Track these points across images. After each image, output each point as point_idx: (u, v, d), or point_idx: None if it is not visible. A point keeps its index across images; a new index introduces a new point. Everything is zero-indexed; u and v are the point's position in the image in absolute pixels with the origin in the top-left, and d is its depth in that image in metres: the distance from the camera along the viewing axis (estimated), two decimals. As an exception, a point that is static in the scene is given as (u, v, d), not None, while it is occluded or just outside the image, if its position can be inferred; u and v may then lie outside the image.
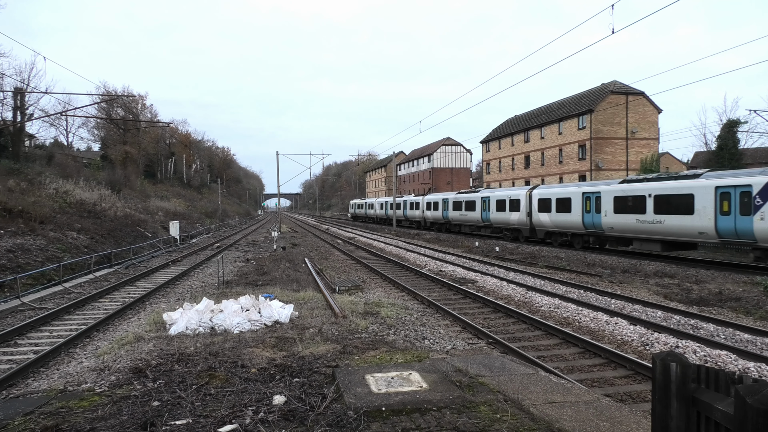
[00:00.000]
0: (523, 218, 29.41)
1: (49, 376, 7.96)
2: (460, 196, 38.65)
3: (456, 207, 38.67)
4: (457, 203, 38.63)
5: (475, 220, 35.77)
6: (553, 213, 26.68)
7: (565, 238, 26.45)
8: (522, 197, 29.56)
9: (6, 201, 22.01)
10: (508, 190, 32.77)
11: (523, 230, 29.94)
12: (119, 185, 41.11)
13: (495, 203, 32.58)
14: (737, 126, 42.58)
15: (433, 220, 44.15)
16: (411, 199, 51.93)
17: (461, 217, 37.96)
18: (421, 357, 6.67)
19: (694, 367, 2.79)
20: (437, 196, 43.86)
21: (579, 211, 24.64)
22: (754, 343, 9.23)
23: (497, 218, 32.60)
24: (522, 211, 29.47)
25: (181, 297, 14.59)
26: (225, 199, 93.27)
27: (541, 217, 27.81)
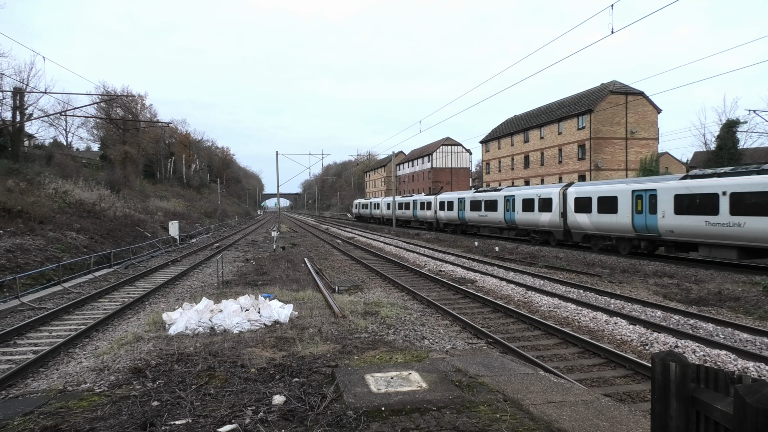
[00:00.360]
0: (556, 219, 26.36)
1: (49, 376, 7.96)
2: (479, 195, 35.65)
3: (474, 207, 35.53)
4: (475, 203, 35.46)
5: (497, 221, 32.68)
6: (593, 214, 23.68)
7: (609, 242, 23.38)
8: (555, 196, 26.57)
9: (5, 201, 21.99)
10: (538, 188, 29.66)
11: (554, 233, 26.94)
12: (118, 185, 41.10)
13: (521, 203, 29.40)
14: (737, 126, 42.67)
15: (447, 221, 41.13)
16: (421, 198, 48.10)
17: (480, 218, 34.97)
18: (420, 357, 6.67)
19: (694, 366, 2.79)
20: (452, 195, 40.77)
21: (627, 212, 21.58)
22: (753, 342, 9.23)
23: (524, 219, 29.44)
24: (554, 212, 26.43)
25: (180, 297, 14.59)
26: (224, 199, 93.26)
27: (578, 218, 24.76)
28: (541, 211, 27.74)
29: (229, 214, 79.89)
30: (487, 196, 34.34)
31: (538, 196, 28.02)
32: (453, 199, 39.80)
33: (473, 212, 35.80)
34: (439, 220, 42.95)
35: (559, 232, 26.61)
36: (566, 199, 25.82)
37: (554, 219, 26.72)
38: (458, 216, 38.48)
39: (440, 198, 42.94)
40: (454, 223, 40.02)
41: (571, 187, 26.00)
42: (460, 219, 38.42)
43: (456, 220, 39.27)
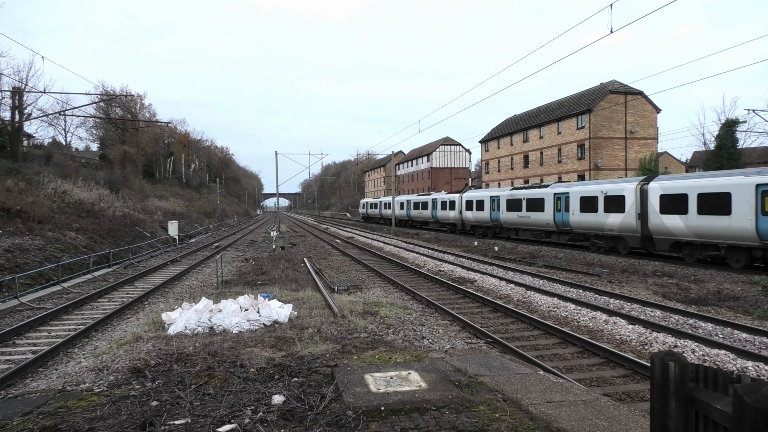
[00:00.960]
0: (630, 222, 21.48)
1: (48, 376, 7.95)
2: (520, 192, 30.70)
3: (512, 206, 30.68)
4: (513, 202, 30.65)
5: (543, 223, 27.76)
6: (691, 215, 18.67)
7: (714, 252, 18.42)
8: (629, 192, 21.70)
9: (4, 201, 21.97)
10: (603, 183, 24.66)
11: (627, 238, 21.99)
12: (118, 185, 41.08)
13: (578, 201, 24.80)
14: (736, 126, 42.73)
15: (476, 222, 36.01)
16: (442, 197, 42.53)
17: (520, 220, 30.08)
18: (420, 356, 6.67)
19: (693, 366, 2.79)
20: (482, 193, 35.90)
21: (748, 213, 16.62)
22: (752, 342, 9.24)
23: (582, 222, 24.60)
24: (629, 212, 21.57)
25: (179, 297, 14.58)
26: (224, 198, 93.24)
27: (666, 221, 19.80)
28: (608, 211, 22.80)
29: (228, 214, 79.88)
30: (530, 193, 29.24)
31: (604, 193, 23.20)
32: (484, 197, 34.73)
33: (511, 212, 30.88)
34: (466, 221, 37.91)
35: (635, 237, 21.59)
36: (647, 197, 20.87)
37: (628, 222, 21.71)
38: (491, 217, 33.63)
39: (467, 196, 37.57)
40: (485, 225, 35.09)
41: (654, 182, 21.08)
42: (493, 221, 33.50)
43: (487, 222, 34.38)
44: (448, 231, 41.42)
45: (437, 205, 43.06)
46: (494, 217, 33.38)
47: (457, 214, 39.07)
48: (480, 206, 35.21)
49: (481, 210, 34.95)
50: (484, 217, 34.68)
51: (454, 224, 40.66)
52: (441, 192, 48.66)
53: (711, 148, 47.04)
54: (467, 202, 37.33)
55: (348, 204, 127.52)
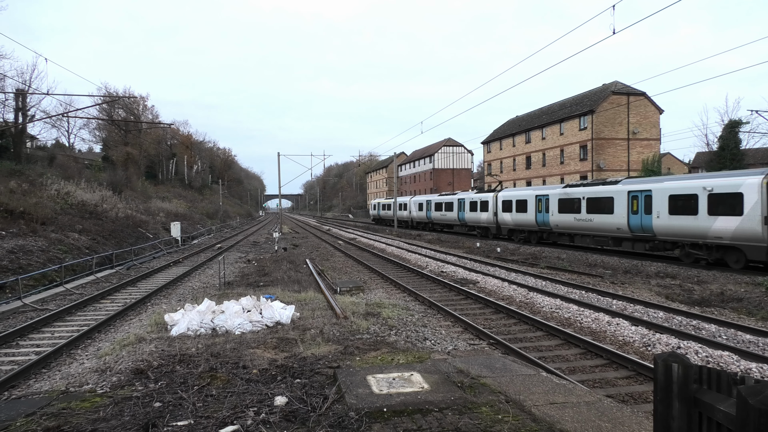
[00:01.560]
0: (753, 228, 16.53)
1: (51, 377, 7.97)
2: (577, 190, 25.20)
3: (566, 207, 25.72)
4: (568, 201, 25.64)
5: (613, 227, 22.56)
6: None
7: None
8: (750, 189, 16.72)
9: (8, 202, 22.04)
10: (704, 178, 19.42)
11: (746, 249, 16.98)
12: (120, 186, 41.16)
13: (666, 201, 19.82)
14: (739, 126, 42.62)
15: (517, 225, 30.96)
16: (471, 196, 37.26)
17: (579, 223, 24.73)
18: (422, 358, 6.67)
19: (696, 367, 2.78)
20: (523, 192, 30.40)
21: None
22: (756, 343, 9.21)
23: (673, 227, 19.64)
24: (751, 215, 16.59)
25: (182, 298, 14.61)
26: (226, 200, 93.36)
27: None
28: (714, 213, 18.03)
29: (230, 215, 79.99)
30: (592, 191, 24.18)
31: (708, 190, 18.24)
32: (527, 196, 29.57)
33: (565, 215, 25.89)
34: (502, 224, 32.82)
35: (759, 249, 16.59)
36: None
37: (748, 227, 16.75)
38: (536, 220, 28.59)
39: (504, 196, 32.57)
40: (529, 229, 29.93)
41: None
42: (540, 224, 28.38)
43: (532, 225, 29.32)
44: (478, 235, 36.33)
45: (464, 205, 37.89)
46: (541, 219, 28.14)
47: (490, 216, 34.00)
48: (522, 207, 30.02)
49: (523, 211, 29.85)
50: (527, 219, 29.57)
51: (486, 228, 35.42)
52: (468, 191, 44.79)
53: (714, 149, 46.92)
54: (505, 202, 32.07)
55: (350, 205, 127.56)
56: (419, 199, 49.17)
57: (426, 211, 46.03)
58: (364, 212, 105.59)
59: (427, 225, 47.17)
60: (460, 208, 38.55)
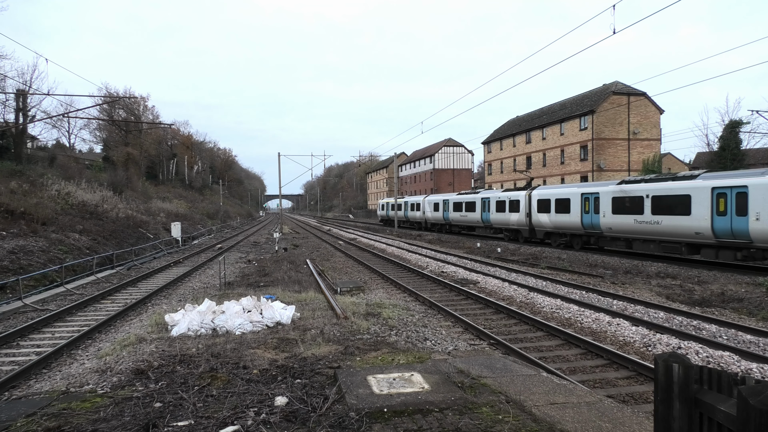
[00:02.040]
0: None
1: (51, 377, 7.97)
2: (637, 187, 21.52)
3: (622, 207, 21.78)
4: (625, 201, 21.82)
5: (690, 232, 18.88)
6: None
7: None
8: None
9: (8, 202, 22.06)
10: None
11: None
12: (121, 187, 41.17)
13: None
14: (739, 126, 42.57)
15: (557, 228, 26.90)
16: (497, 195, 33.18)
17: (642, 227, 20.99)
18: (422, 358, 6.66)
19: (697, 368, 2.78)
20: (566, 190, 26.35)
21: None
22: (756, 344, 9.20)
23: None
24: None
25: (182, 298, 14.61)
26: (226, 200, 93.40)
27: None
28: None
29: (231, 216, 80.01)
30: (661, 188, 20.37)
31: None
32: (569, 194, 25.61)
33: (622, 216, 21.80)
34: (538, 226, 28.72)
35: None
36: None
37: None
38: (582, 222, 24.60)
39: (540, 194, 28.32)
40: (572, 232, 25.81)
41: None
42: (587, 226, 24.34)
43: (576, 228, 25.23)
44: (506, 239, 32.73)
45: (489, 205, 34.01)
46: (588, 221, 24.27)
47: (521, 217, 30.11)
48: (563, 207, 26.07)
49: (565, 212, 25.86)
50: (570, 221, 25.56)
51: (515, 230, 31.59)
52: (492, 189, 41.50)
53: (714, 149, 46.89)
54: (541, 201, 28.00)
55: (351, 205, 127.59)
56: (435, 199, 44.62)
57: (443, 212, 42.17)
58: (364, 212, 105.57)
59: (444, 227, 43.32)
60: (484, 208, 34.68)
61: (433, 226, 45.81)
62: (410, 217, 51.53)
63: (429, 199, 46.33)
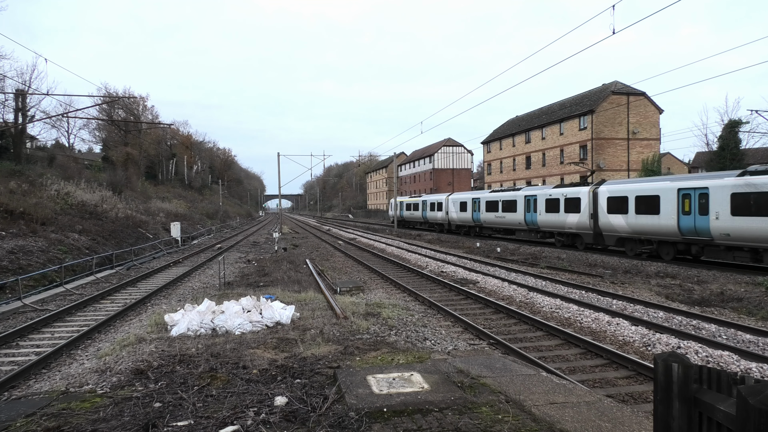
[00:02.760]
0: None
1: (51, 377, 7.97)
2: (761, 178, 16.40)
3: (746, 207, 16.77)
4: (743, 198, 16.90)
5: None
6: None
7: None
8: None
9: (8, 202, 22.04)
10: None
11: None
12: (120, 187, 41.16)
13: None
14: (739, 126, 42.61)
15: (637, 233, 21.28)
16: (547, 192, 27.51)
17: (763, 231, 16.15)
18: (422, 358, 6.67)
19: (696, 367, 2.78)
20: (653, 186, 20.61)
21: None
22: (756, 343, 9.21)
23: None
24: None
25: (182, 298, 14.60)
26: (226, 200, 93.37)
27: None
28: None
29: (230, 216, 79.97)
30: None
31: None
32: (658, 191, 20.13)
33: (749, 218, 16.60)
34: (608, 230, 22.96)
35: None
36: None
37: None
38: (679, 225, 19.15)
39: (613, 190, 22.64)
40: (663, 239, 20.25)
41: None
42: (687, 232, 18.99)
43: (670, 233, 19.68)
44: (558, 245, 27.01)
45: (534, 204, 28.50)
46: (689, 225, 18.82)
47: (584, 219, 24.28)
48: (649, 206, 20.51)
49: (652, 212, 20.35)
50: (661, 225, 19.95)
51: (574, 234, 25.63)
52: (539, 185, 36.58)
53: (714, 149, 46.93)
54: (614, 199, 22.33)
55: (350, 205, 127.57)
56: (461, 198, 38.69)
57: (472, 212, 36.62)
58: (364, 212, 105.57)
59: (473, 229, 37.67)
60: (529, 207, 29.14)
61: (458, 229, 40.16)
62: (429, 218, 45.65)
63: (454, 198, 40.35)
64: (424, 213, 47.21)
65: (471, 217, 36.98)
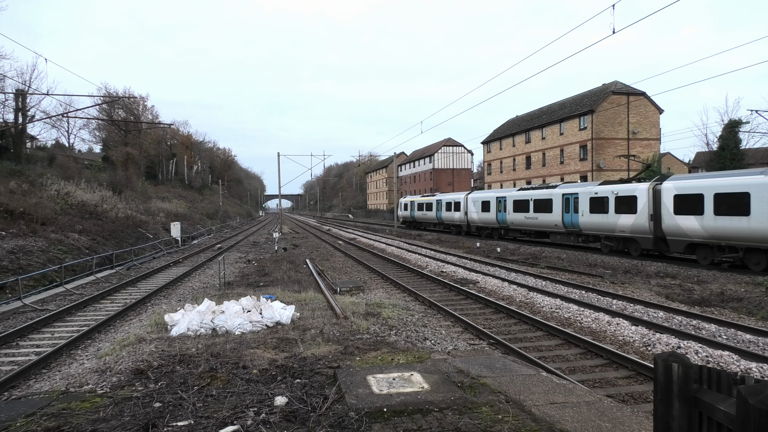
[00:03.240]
0: None
1: (51, 377, 7.97)
2: None
3: None
4: None
5: None
6: None
7: None
8: None
9: (8, 202, 22.04)
10: None
11: None
12: (120, 186, 41.15)
13: None
14: (739, 126, 42.62)
15: (716, 237, 17.63)
16: (591, 189, 24.19)
17: None
18: (422, 358, 6.66)
19: (696, 367, 2.78)
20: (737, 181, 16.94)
21: None
22: (756, 343, 9.21)
23: None
24: None
25: (182, 298, 14.60)
26: (226, 200, 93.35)
27: None
28: None
29: (230, 215, 79.97)
30: None
31: None
32: (745, 186, 16.65)
33: None
34: (673, 234, 19.37)
35: None
36: None
37: None
38: None
39: (681, 187, 19.09)
40: (751, 245, 16.68)
41: None
42: None
43: (758, 239, 16.31)
44: (605, 250, 23.75)
45: (575, 204, 25.12)
46: None
47: (641, 220, 20.80)
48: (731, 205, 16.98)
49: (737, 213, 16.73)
50: (747, 229, 16.42)
51: (627, 239, 22.22)
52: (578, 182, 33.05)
53: (714, 149, 46.94)
54: (683, 198, 18.82)
55: (350, 205, 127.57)
56: (484, 197, 34.68)
57: (496, 213, 32.83)
58: (364, 212, 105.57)
59: (497, 231, 34.02)
60: (567, 207, 25.62)
61: (479, 231, 36.41)
62: (444, 219, 41.69)
63: (474, 197, 36.17)
64: (438, 213, 43.06)
65: (495, 218, 33.34)
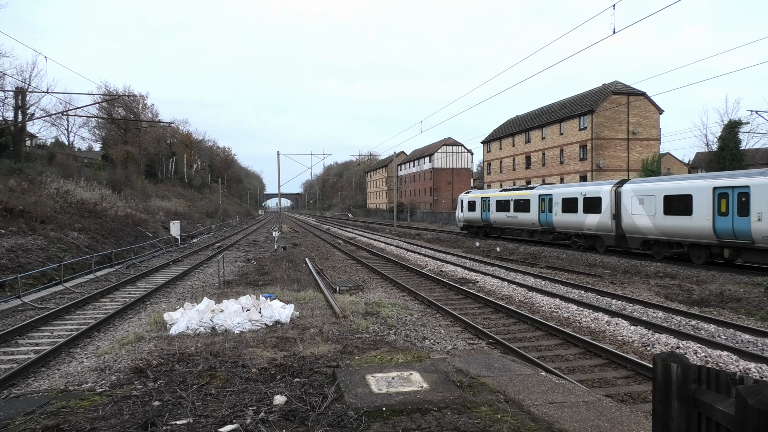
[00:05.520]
0: None
1: (50, 375, 7.97)
2: None
3: None
4: None
5: None
6: None
7: None
8: None
9: (7, 200, 22.02)
10: None
11: None
12: (120, 185, 41.13)
13: None
14: (738, 127, 42.57)
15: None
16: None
17: None
18: (421, 357, 6.67)
19: (695, 367, 2.78)
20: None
21: None
22: (755, 343, 9.22)
23: None
24: None
25: (181, 297, 14.60)
26: (226, 199, 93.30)
27: None
28: None
29: (230, 214, 79.94)
30: None
31: None
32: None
33: None
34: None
35: None
36: None
37: None
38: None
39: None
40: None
41: None
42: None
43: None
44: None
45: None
46: None
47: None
48: None
49: None
50: None
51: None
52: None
53: (714, 149, 46.91)
54: None
55: (350, 204, 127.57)
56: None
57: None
58: (363, 211, 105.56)
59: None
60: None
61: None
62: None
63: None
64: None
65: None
